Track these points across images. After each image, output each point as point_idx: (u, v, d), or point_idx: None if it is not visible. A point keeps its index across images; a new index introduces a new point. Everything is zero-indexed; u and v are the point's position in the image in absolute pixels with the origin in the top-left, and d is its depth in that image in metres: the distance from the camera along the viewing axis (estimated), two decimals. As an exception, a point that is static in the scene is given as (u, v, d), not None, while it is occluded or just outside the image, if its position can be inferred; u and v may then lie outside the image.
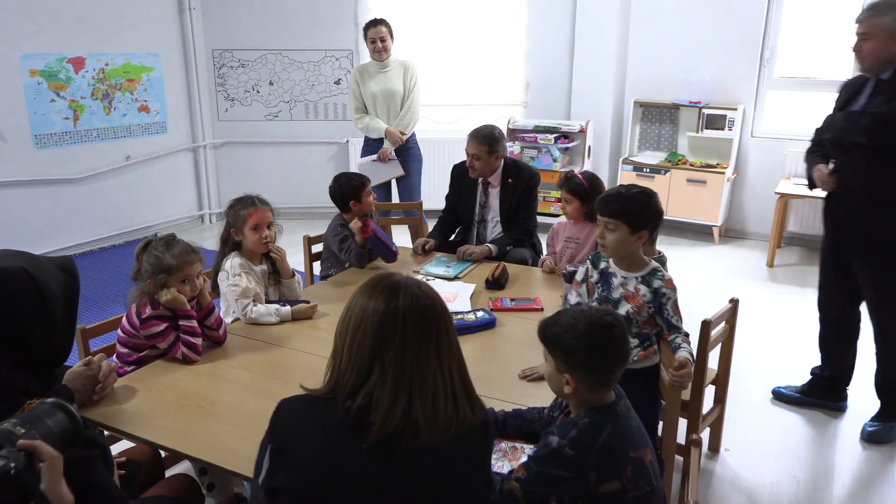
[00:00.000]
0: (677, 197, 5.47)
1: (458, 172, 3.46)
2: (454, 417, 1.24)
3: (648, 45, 5.69)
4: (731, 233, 5.77)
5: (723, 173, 5.34)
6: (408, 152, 4.45)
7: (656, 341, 2.10)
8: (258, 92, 5.98)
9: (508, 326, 2.42)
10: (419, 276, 2.89)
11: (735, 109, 5.34)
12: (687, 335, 2.04)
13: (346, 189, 3.05)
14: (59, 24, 4.93)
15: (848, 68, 5.19)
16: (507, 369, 2.10)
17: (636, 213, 1.98)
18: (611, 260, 2.10)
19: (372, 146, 4.46)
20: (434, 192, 5.85)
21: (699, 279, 4.72)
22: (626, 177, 5.63)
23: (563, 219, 3.10)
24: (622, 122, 5.95)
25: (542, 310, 2.56)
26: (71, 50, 5.02)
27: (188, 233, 5.87)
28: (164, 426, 1.79)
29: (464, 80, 6.03)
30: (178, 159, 5.89)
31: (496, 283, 2.79)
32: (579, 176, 2.94)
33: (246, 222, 2.48)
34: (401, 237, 4.89)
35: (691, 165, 5.49)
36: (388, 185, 4.56)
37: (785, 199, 4.97)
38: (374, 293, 1.24)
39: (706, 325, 2.21)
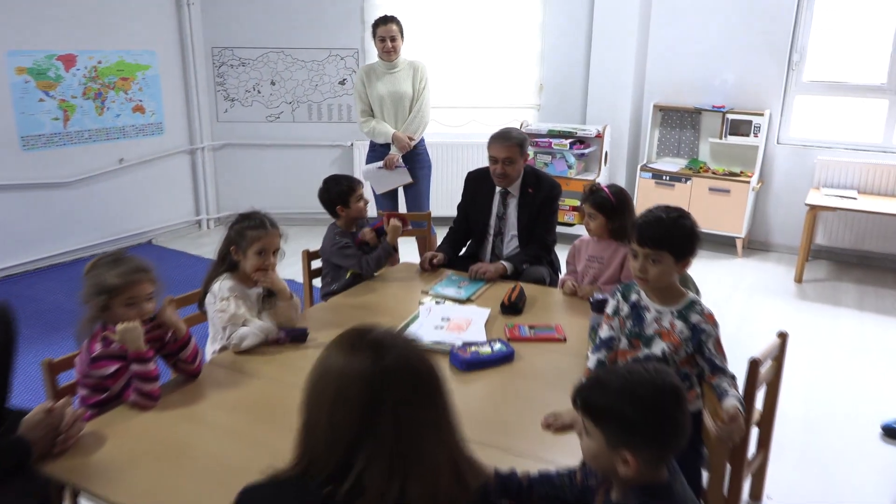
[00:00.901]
0: (699, 206, 5.28)
1: (474, 180, 3.27)
2: (459, 496, 1.06)
3: (669, 45, 5.52)
4: (755, 245, 5.56)
5: (747, 182, 5.15)
6: (416, 158, 4.25)
7: (698, 383, 1.86)
8: (259, 92, 5.84)
9: (528, 359, 2.21)
10: (428, 297, 2.72)
11: (761, 115, 5.17)
12: (733, 378, 1.81)
13: (334, 193, 2.92)
14: (48, 18, 4.74)
15: (882, 71, 4.95)
16: (529, 413, 1.87)
17: (681, 240, 1.77)
18: (642, 292, 1.88)
19: (378, 152, 4.25)
20: (443, 200, 5.68)
21: (723, 294, 4.49)
22: (645, 184, 5.45)
23: (585, 235, 2.88)
24: (640, 127, 5.79)
25: (564, 340, 2.35)
26: (61, 46, 4.83)
27: (184, 239, 5.71)
28: (136, 484, 1.56)
29: (474, 82, 5.89)
30: (174, 162, 5.73)
31: (513, 307, 2.58)
32: (605, 189, 2.73)
33: (252, 245, 2.26)
34: (408, 250, 4.67)
35: (714, 173, 5.31)
36: (394, 193, 4.37)
37: (815, 210, 4.73)
38: (354, 351, 1.06)
39: (754, 366, 1.98)
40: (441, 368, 1.14)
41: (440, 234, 4.37)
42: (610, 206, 2.69)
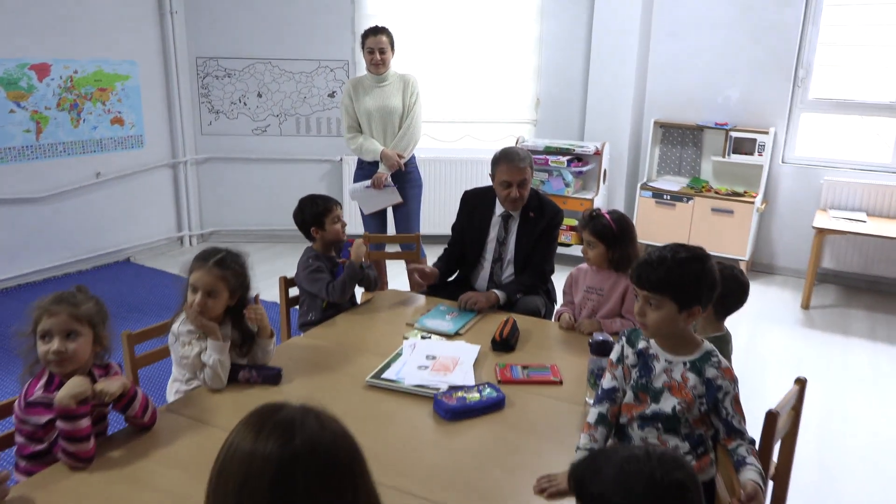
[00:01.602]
0: (701, 227, 5.19)
1: (471, 200, 3.13)
2: None
3: (671, 60, 5.43)
4: (759, 267, 5.43)
5: (751, 202, 5.05)
6: (406, 177, 4.10)
7: (713, 447, 1.66)
8: (245, 104, 5.73)
9: (520, 406, 2.03)
10: (414, 330, 2.54)
11: (765, 133, 5.07)
12: (752, 442, 1.62)
13: (309, 214, 2.79)
14: (20, 25, 4.57)
15: (890, 89, 4.81)
16: (520, 473, 1.68)
17: (687, 286, 1.57)
18: (651, 341, 1.70)
19: (366, 170, 4.10)
20: (434, 219, 5.62)
21: (727, 322, 4.31)
22: (644, 203, 5.36)
23: (583, 264, 2.72)
24: (641, 144, 5.70)
25: (560, 382, 2.17)
26: (34, 55, 4.66)
27: (165, 257, 5.56)
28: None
29: (469, 96, 5.80)
30: (155, 176, 5.60)
31: (504, 343, 2.41)
32: (606, 216, 2.57)
33: (189, 284, 2.08)
34: (396, 274, 4.50)
35: (716, 193, 5.23)
36: (383, 214, 4.21)
37: (823, 234, 4.56)
38: (261, 433, 0.97)
39: (772, 420, 1.78)
40: (361, 450, 1.03)
41: (431, 256, 4.22)
42: (611, 234, 2.54)
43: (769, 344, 4.09)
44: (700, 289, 1.58)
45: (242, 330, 2.18)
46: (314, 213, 2.78)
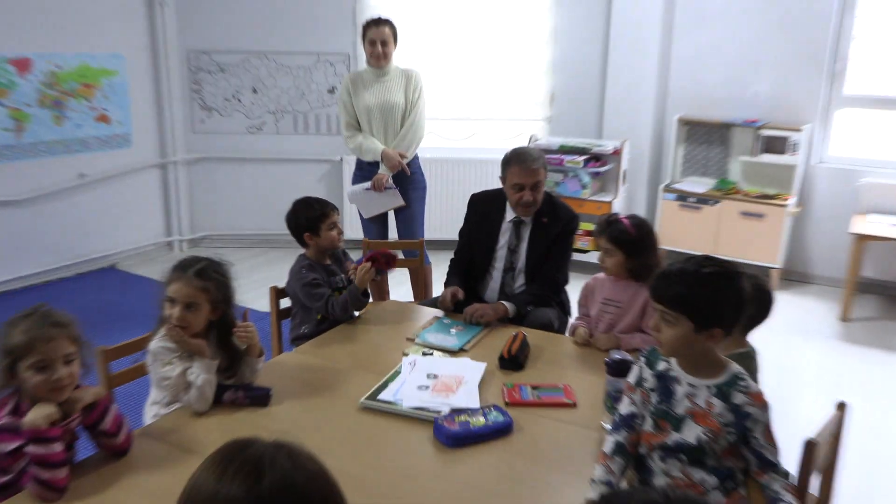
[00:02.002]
0: (729, 233, 5.12)
1: (480, 204, 3.10)
2: None
3: (696, 53, 5.37)
4: (793, 276, 5.35)
5: (784, 206, 4.98)
6: (409, 179, 4.06)
7: (743, 481, 1.59)
8: (239, 101, 5.73)
9: (529, 431, 1.97)
10: (414, 346, 2.51)
11: (799, 130, 4.99)
12: (787, 475, 1.55)
13: (302, 218, 2.77)
14: None
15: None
16: (529, 509, 1.61)
17: (706, 305, 1.53)
18: (672, 361, 1.65)
19: (365, 171, 4.06)
20: (438, 223, 5.58)
21: (756, 336, 4.23)
22: (668, 207, 5.31)
23: (600, 274, 2.67)
24: (663, 143, 5.65)
25: (574, 405, 2.11)
26: (14, 49, 4.66)
27: (154, 262, 5.55)
28: None
29: (477, 91, 5.77)
30: (143, 178, 5.60)
31: (513, 361, 2.36)
32: (624, 221, 2.52)
33: (167, 298, 2.04)
34: (399, 282, 4.45)
35: (746, 195, 5.16)
36: (384, 218, 4.18)
37: (863, 240, 4.47)
38: (227, 473, 0.93)
39: (810, 449, 1.70)
40: (341, 493, 0.98)
41: (436, 262, 4.19)
42: (630, 241, 2.49)
43: (804, 361, 4.00)
44: (721, 310, 1.54)
45: (228, 349, 2.13)
46: (308, 218, 2.75)
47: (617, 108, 5.45)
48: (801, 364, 3.96)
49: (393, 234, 4.36)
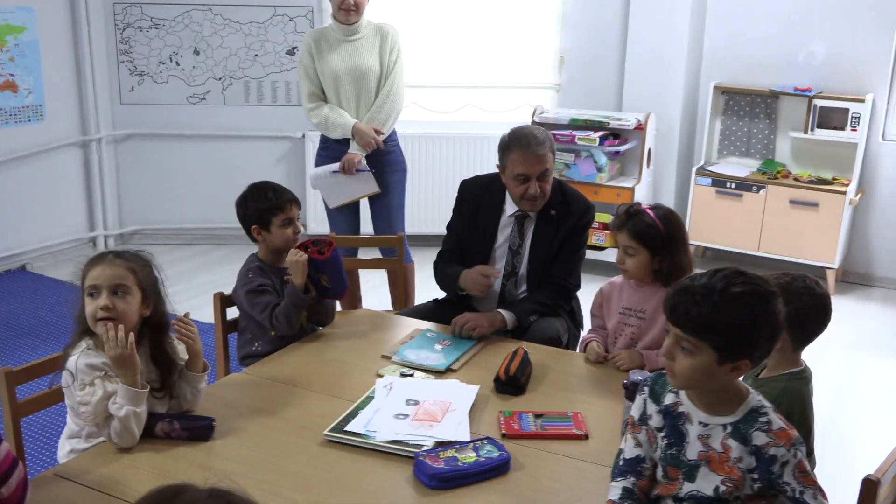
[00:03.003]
0: (776, 226, 5.20)
1: (472, 193, 3.13)
2: None
3: (736, 6, 5.42)
4: (853, 278, 5.43)
5: (843, 192, 5.04)
6: (385, 159, 4.08)
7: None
8: (178, 64, 5.74)
9: (531, 470, 1.99)
10: (391, 365, 2.53)
11: (860, 101, 5.06)
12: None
13: (252, 208, 2.79)
14: None
15: None
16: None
17: (735, 333, 1.54)
18: (682, 393, 1.68)
19: (332, 150, 4.08)
20: (422, 214, 5.63)
21: (810, 352, 4.27)
22: (702, 194, 5.36)
23: (617, 277, 2.71)
24: (696, 117, 5.71)
25: (585, 437, 2.13)
26: None
27: (73, 264, 5.28)
28: None
29: (470, 53, 5.80)
30: (59, 159, 5.60)
31: (512, 383, 2.37)
32: (649, 212, 2.54)
33: (83, 289, 2.07)
34: (372, 287, 4.45)
35: (796, 180, 5.23)
36: (354, 208, 4.19)
37: (938, 234, 4.53)
38: None
39: (870, 489, 1.72)
40: None
41: (419, 261, 4.20)
42: (657, 237, 2.51)
43: (867, 381, 4.04)
44: (753, 339, 1.55)
45: (162, 361, 2.14)
46: (259, 209, 2.76)
47: (640, 74, 5.48)
48: (862, 385, 3.99)
49: (367, 227, 4.36)
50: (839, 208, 5.01)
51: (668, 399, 1.68)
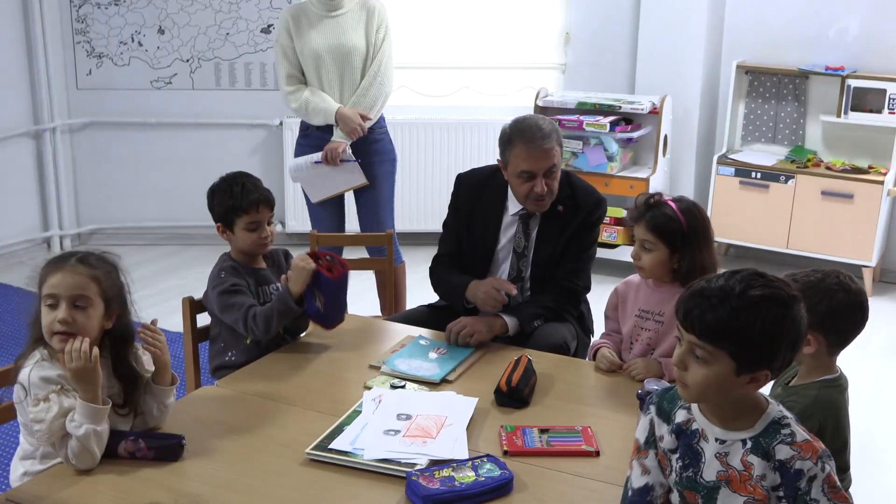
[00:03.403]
0: (807, 219, 5.21)
1: (470, 189, 3.13)
2: None
3: None
4: (891, 277, 5.49)
5: (880, 182, 5.07)
6: (373, 148, 4.11)
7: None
8: (141, 45, 5.75)
9: (536, 490, 2.00)
10: (380, 376, 2.55)
11: None
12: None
13: (218, 204, 2.79)
14: None
15: None
16: None
17: (755, 340, 1.55)
18: (694, 407, 1.69)
19: (313, 138, 4.11)
20: (413, 210, 5.65)
21: (844, 358, 4.28)
22: (724, 184, 5.38)
23: (633, 276, 2.73)
24: (717, 100, 5.74)
25: (596, 454, 2.15)
26: None
27: (25, 267, 5.47)
28: None
29: (466, 30, 5.82)
30: (9, 152, 5.62)
31: (514, 395, 2.39)
32: (671, 204, 2.56)
33: (41, 297, 2.07)
34: (359, 291, 4.46)
35: (829, 169, 5.26)
36: (339, 202, 4.22)
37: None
38: None
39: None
40: None
41: (410, 259, 4.21)
42: (677, 230, 2.53)
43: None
44: (774, 348, 1.56)
45: (125, 375, 2.15)
46: (224, 207, 2.76)
47: (655, 53, 5.50)
48: (901, 395, 4.02)
49: (352, 224, 4.37)
50: (876, 200, 5.03)
51: (680, 416, 1.69)
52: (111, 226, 5.92)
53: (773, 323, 1.54)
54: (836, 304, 2.01)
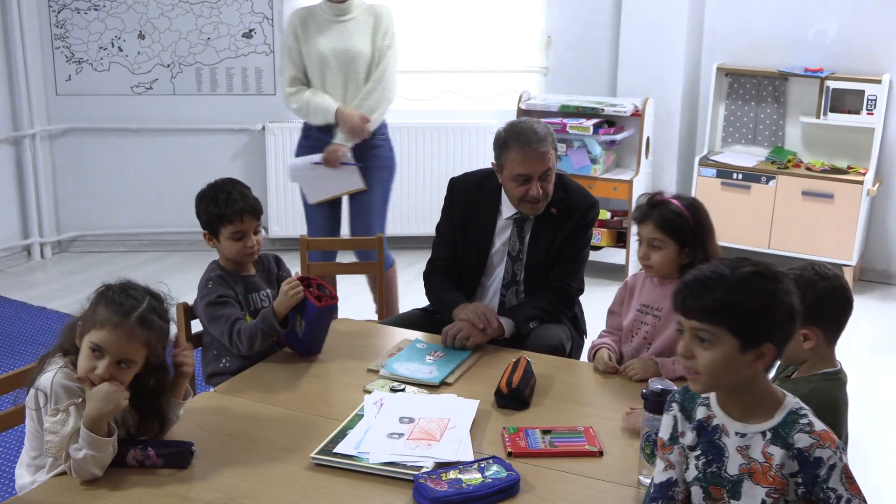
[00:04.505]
0: (787, 219, 5.25)
1: (463, 193, 3.12)
2: None
3: None
4: (872, 276, 5.51)
5: (859, 182, 5.11)
6: (371, 154, 4.12)
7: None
8: (121, 50, 5.72)
9: (542, 490, 2.01)
10: (379, 380, 2.55)
11: (877, 82, 5.12)
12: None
13: (203, 211, 2.76)
14: None
15: None
16: None
17: (753, 312, 1.61)
18: (713, 400, 1.73)
19: (314, 139, 4.11)
20: (399, 213, 5.57)
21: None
22: (706, 186, 5.40)
23: (641, 272, 2.77)
24: (699, 101, 5.77)
25: (600, 453, 2.15)
26: None
27: (5, 275, 5.54)
28: None
29: (448, 34, 5.83)
30: None
31: (515, 396, 2.39)
32: (674, 201, 2.61)
33: (85, 335, 2.03)
34: (351, 293, 4.45)
35: (809, 169, 5.29)
36: (336, 205, 4.23)
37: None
38: None
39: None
40: None
41: (400, 263, 4.21)
42: (685, 226, 2.58)
43: (889, 388, 4.09)
44: (771, 318, 1.61)
45: (145, 408, 2.13)
46: (209, 215, 2.73)
47: (636, 56, 5.52)
48: (884, 392, 4.05)
49: (345, 227, 4.39)
50: (856, 200, 5.06)
51: (700, 413, 1.72)
52: (92, 233, 5.88)
53: (767, 294, 1.61)
54: (819, 293, 2.04)
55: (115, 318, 1.99)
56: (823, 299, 2.05)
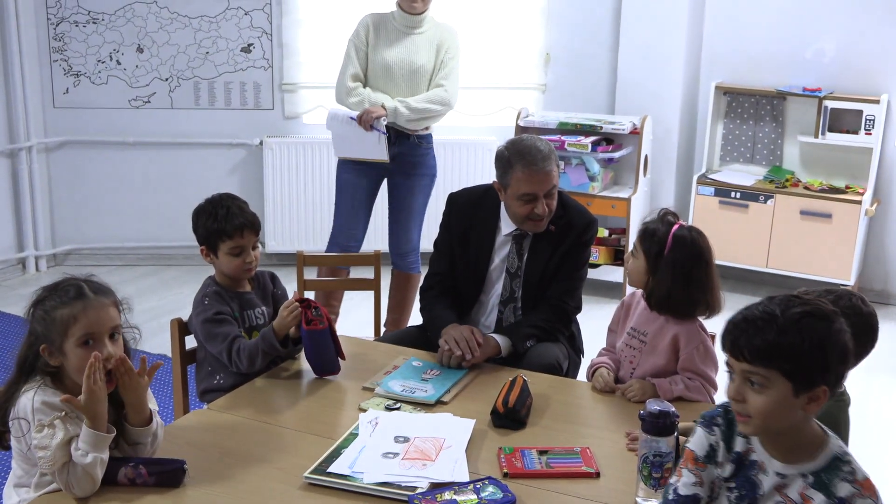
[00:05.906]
0: (785, 238, 5.26)
1: (462, 210, 3.12)
2: None
3: (738, 1, 5.51)
4: (870, 295, 5.43)
5: (858, 202, 5.13)
6: (418, 160, 4.29)
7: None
8: (119, 63, 5.73)
9: None
10: (375, 398, 2.54)
11: (875, 101, 5.16)
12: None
13: (202, 226, 2.75)
14: None
15: None
16: None
17: (808, 355, 1.57)
18: (755, 438, 1.70)
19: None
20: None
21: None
22: (704, 204, 5.43)
23: (636, 290, 2.74)
24: (697, 120, 5.79)
25: (597, 475, 2.14)
26: None
27: (1, 288, 5.55)
28: None
29: None
30: None
31: (511, 416, 2.38)
32: (675, 225, 2.57)
33: (68, 334, 2.00)
34: (350, 307, 4.45)
35: (807, 188, 5.31)
36: (369, 202, 4.37)
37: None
38: None
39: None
40: None
41: (386, 275, 4.21)
42: (654, 248, 2.56)
43: (889, 407, 4.08)
44: (825, 360, 1.58)
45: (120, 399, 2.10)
46: (207, 230, 2.72)
47: (634, 73, 5.53)
48: (883, 412, 4.04)
49: (381, 225, 4.47)
50: (854, 219, 5.08)
51: (739, 444, 1.70)
52: (88, 246, 5.87)
53: (820, 336, 1.57)
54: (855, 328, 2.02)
55: (77, 303, 2.01)
56: (856, 335, 2.04)
